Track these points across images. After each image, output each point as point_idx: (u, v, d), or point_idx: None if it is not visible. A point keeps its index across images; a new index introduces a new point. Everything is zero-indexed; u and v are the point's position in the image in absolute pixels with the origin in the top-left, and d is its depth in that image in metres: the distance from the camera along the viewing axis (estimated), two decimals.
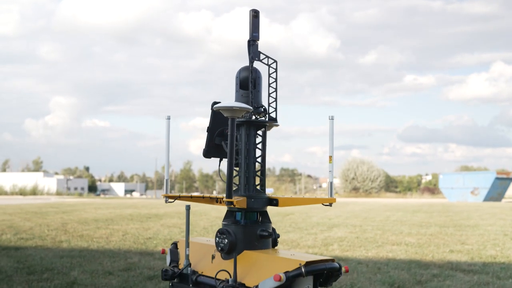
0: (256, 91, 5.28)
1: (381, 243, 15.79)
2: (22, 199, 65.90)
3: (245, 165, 5.17)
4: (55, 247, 14.46)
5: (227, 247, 4.80)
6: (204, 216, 27.31)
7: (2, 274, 10.08)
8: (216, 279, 4.65)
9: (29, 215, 26.97)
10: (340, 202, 56.25)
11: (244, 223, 4.95)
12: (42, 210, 32.03)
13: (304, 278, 4.31)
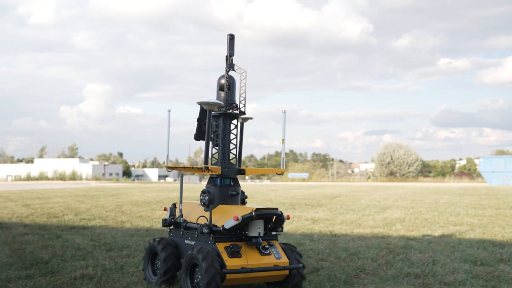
0: (230, 93, 7.47)
1: (442, 224, 15.59)
2: (63, 184, 67.10)
3: (222, 145, 7.40)
4: (119, 226, 14.66)
5: (207, 202, 7.09)
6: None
7: (82, 250, 10.25)
8: (198, 223, 7.01)
9: (80, 198, 27.42)
10: (381, 186, 55.86)
11: (220, 185, 7.22)
12: (89, 193, 32.53)
13: (255, 220, 6.64)
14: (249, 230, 6.68)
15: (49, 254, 9.69)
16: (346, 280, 7.74)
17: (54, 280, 7.51)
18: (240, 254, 6.58)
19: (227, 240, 6.68)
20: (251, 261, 6.59)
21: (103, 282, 7.45)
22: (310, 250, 10.42)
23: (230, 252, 6.52)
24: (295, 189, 43.80)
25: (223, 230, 6.52)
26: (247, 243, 6.73)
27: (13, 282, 7.42)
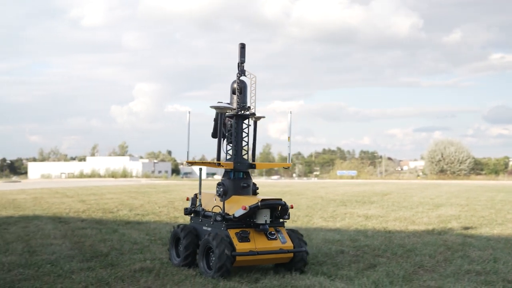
0: (242, 96, 8.37)
1: (501, 221, 15.17)
2: (115, 181, 68.56)
3: (235, 142, 8.31)
4: (173, 222, 14.85)
5: (222, 193, 8.01)
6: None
7: (139, 244, 10.44)
8: (213, 212, 7.93)
9: (133, 194, 27.95)
10: (432, 184, 54.79)
11: (233, 178, 8.16)
12: (141, 190, 33.11)
13: (262, 210, 7.53)
14: (256, 218, 7.60)
15: (108, 248, 9.90)
16: (404, 276, 7.62)
17: (114, 272, 7.67)
18: (249, 239, 7.53)
19: (238, 226, 7.63)
20: (259, 245, 7.53)
21: (162, 275, 7.56)
22: (366, 246, 10.32)
23: (239, 237, 7.48)
24: (344, 186, 43.44)
25: (234, 218, 7.50)
26: (255, 229, 7.65)
27: (76, 274, 7.61)
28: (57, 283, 7.05)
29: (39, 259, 8.73)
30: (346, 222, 14.78)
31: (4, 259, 8.72)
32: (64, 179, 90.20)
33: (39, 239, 10.99)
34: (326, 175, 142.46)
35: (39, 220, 15.02)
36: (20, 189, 35.82)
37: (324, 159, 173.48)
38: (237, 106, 8.29)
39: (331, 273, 7.77)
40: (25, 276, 7.49)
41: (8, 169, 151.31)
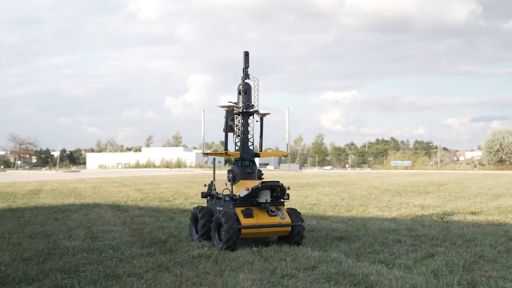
0: (247, 96, 9.69)
1: None
2: (169, 171, 69.83)
3: (241, 135, 9.69)
4: None
5: (231, 179, 9.37)
6: None
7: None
8: (223, 194, 9.24)
9: (187, 184, 28.41)
10: (491, 174, 53.31)
11: (241, 166, 9.55)
12: (196, 179, 33.59)
13: (263, 190, 8.89)
14: (259, 197, 9.00)
15: (166, 235, 10.12)
16: (464, 266, 7.47)
17: (173, 258, 7.84)
18: (253, 215, 8.91)
19: (243, 205, 9.00)
20: (261, 220, 8.90)
21: (220, 261, 7.68)
22: (423, 235, 10.16)
23: (244, 214, 8.87)
24: (399, 176, 42.83)
25: (239, 198, 8.93)
26: (258, 207, 9.03)
27: (136, 259, 7.82)
28: (119, 267, 7.26)
29: (101, 244, 9.01)
30: (402, 211, 14.59)
31: (68, 244, 9.05)
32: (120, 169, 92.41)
33: (99, 226, 11.34)
34: (379, 165, 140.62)
35: (99, 208, 15.48)
36: (79, 178, 36.98)
37: (377, 149, 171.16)
38: (243, 105, 9.66)
39: (389, 261, 7.70)
40: (89, 260, 7.75)
41: (68, 159, 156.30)
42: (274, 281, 6.47)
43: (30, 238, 9.75)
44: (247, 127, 9.75)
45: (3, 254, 8.14)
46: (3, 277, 6.67)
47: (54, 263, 7.48)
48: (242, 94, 9.66)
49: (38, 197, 19.68)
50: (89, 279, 6.55)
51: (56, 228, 10.97)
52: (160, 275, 6.79)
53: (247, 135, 9.73)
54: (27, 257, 7.88)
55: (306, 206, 16.10)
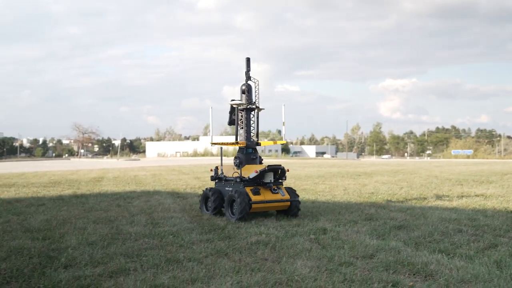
0: (249, 95, 11.53)
1: None
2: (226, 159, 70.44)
3: (245, 127, 11.43)
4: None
5: (238, 164, 11.18)
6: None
7: (254, 219, 10.71)
8: (234, 176, 11.01)
9: None
10: None
11: (245, 153, 11.31)
12: None
13: (267, 172, 10.80)
14: (264, 178, 10.89)
15: (224, 222, 10.27)
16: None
17: (232, 244, 7.96)
18: (260, 193, 10.74)
19: (252, 185, 10.85)
20: (266, 197, 10.79)
21: (278, 248, 7.75)
22: (485, 225, 9.91)
23: (253, 192, 10.68)
24: (460, 165, 41.78)
25: (249, 179, 10.73)
26: (263, 186, 10.89)
27: (196, 245, 7.99)
28: (179, 252, 7.44)
29: (162, 230, 9.25)
30: (463, 201, 14.26)
31: (131, 229, 9.33)
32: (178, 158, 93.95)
33: (160, 212, 11.62)
34: (439, 154, 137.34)
35: (159, 195, 15.85)
36: (140, 166, 37.87)
37: (437, 138, 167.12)
38: (246, 102, 11.45)
39: (449, 251, 7.57)
40: (151, 245, 7.98)
41: (128, 148, 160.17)
42: (332, 268, 6.48)
43: (95, 223, 10.11)
44: (249, 121, 11.53)
45: (70, 238, 8.48)
46: (71, 260, 6.97)
47: (118, 247, 7.74)
48: (246, 93, 11.46)
49: (101, 184, 20.32)
50: (151, 263, 6.76)
51: (119, 214, 11.32)
52: (219, 261, 6.92)
53: (249, 127, 11.54)
54: (92, 241, 8.19)
55: (364, 194, 15.97)
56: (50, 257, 7.13)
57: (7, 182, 20.87)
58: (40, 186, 19.28)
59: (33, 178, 24.04)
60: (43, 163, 58.90)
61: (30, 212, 11.83)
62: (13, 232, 9.16)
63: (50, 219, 10.62)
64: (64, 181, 22.10)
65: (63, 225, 9.89)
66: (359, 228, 9.56)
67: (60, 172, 29.37)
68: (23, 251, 7.50)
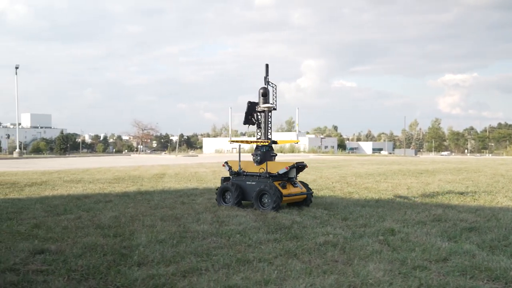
0: (267, 98, 12.35)
1: None
2: (283, 156, 70.38)
3: (264, 126, 12.37)
4: (348, 197, 14.93)
5: (259, 160, 12.25)
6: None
7: (319, 218, 10.65)
8: (259, 172, 12.17)
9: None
10: None
11: (265, 150, 12.33)
12: (311, 165, 33.62)
13: (292, 169, 12.05)
14: (289, 174, 12.08)
15: (289, 221, 10.22)
16: None
17: (300, 245, 7.91)
18: (286, 187, 11.96)
19: (278, 180, 12.04)
20: (291, 190, 12.06)
21: (348, 249, 7.65)
22: None
23: (282, 186, 11.89)
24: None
25: (278, 174, 12.01)
26: (288, 181, 12.18)
27: (264, 244, 7.99)
28: (248, 252, 7.46)
29: (228, 229, 9.29)
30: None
31: (198, 227, 9.41)
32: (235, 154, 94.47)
33: (224, 211, 11.67)
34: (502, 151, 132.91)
35: None
36: (198, 163, 38.31)
37: (500, 134, 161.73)
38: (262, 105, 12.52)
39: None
40: (219, 244, 8.03)
41: (185, 143, 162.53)
42: (406, 272, 6.35)
43: (162, 220, 10.26)
44: (267, 121, 12.46)
45: (140, 235, 8.63)
46: (143, 258, 7.09)
47: (187, 246, 7.82)
48: (267, 97, 12.39)
49: (163, 181, 20.66)
50: (222, 263, 6.79)
51: (184, 212, 11.46)
52: (289, 262, 6.89)
53: (267, 127, 12.46)
54: (161, 239, 8.31)
55: (429, 194, 15.60)
56: (123, 255, 7.28)
57: (74, 178, 21.51)
58: (105, 182, 19.78)
59: (98, 174, 24.70)
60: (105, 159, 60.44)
61: (99, 208, 12.14)
62: (85, 228, 9.41)
63: (118, 216, 10.86)
64: (127, 177, 22.60)
65: (132, 222, 10.08)
66: (428, 229, 9.33)
67: (122, 168, 30.05)
68: (97, 248, 7.68)
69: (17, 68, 72.12)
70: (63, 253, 7.36)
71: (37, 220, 10.39)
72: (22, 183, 18.80)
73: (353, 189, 17.20)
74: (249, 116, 12.51)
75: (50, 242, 8.17)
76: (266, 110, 12.39)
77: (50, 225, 9.71)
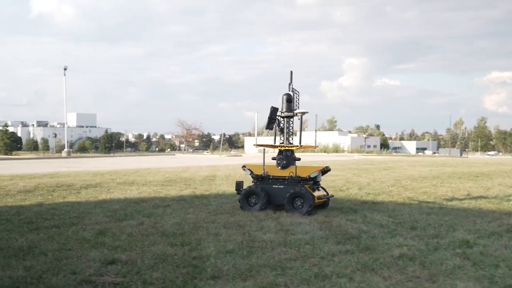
0: (291, 104, 12.69)
1: None
2: (327, 156, 69.82)
3: (286, 130, 12.79)
4: (407, 202, 14.49)
5: (284, 165, 12.49)
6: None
7: (385, 227, 10.29)
8: (289, 176, 12.35)
9: (355, 171, 28.05)
10: None
11: (288, 154, 12.66)
12: (360, 166, 33.11)
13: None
14: (316, 177, 12.48)
15: (355, 230, 9.91)
16: None
17: (376, 258, 7.61)
18: (315, 190, 12.34)
19: (307, 183, 12.33)
20: (319, 193, 12.49)
21: (427, 264, 7.31)
22: None
23: (312, 189, 12.25)
24: None
25: (309, 178, 12.31)
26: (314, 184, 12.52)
27: (337, 256, 7.72)
28: (323, 265, 7.20)
29: (295, 238, 9.03)
30: None
31: (264, 236, 9.18)
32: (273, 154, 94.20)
33: (286, 217, 11.37)
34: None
35: None
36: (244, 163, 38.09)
37: None
38: (286, 110, 12.74)
39: None
40: (290, 255, 7.78)
41: (227, 143, 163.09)
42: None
43: (226, 228, 10.08)
44: (289, 125, 12.80)
45: (207, 245, 8.47)
46: (217, 271, 6.91)
47: (258, 258, 7.61)
48: (291, 102, 12.67)
49: (215, 183, 20.57)
50: (299, 278, 6.56)
51: (246, 219, 11.24)
52: (369, 277, 6.63)
53: (290, 132, 12.83)
54: (230, 250, 8.12)
55: (493, 200, 15.02)
56: (195, 267, 7.13)
57: (126, 180, 21.63)
58: (158, 184, 19.81)
59: (149, 176, 24.81)
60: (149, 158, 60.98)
61: (159, 213, 12.06)
62: (150, 236, 9.31)
63: (181, 222, 10.73)
64: (179, 179, 22.60)
65: (196, 229, 9.93)
66: (505, 242, 8.89)
67: (171, 170, 30.12)
68: (167, 259, 7.56)
69: (66, 69, 73.68)
70: (135, 264, 7.26)
71: (100, 226, 10.37)
72: (77, 185, 18.98)
73: (411, 193, 16.74)
74: (272, 121, 12.62)
75: (119, 251, 8.10)
76: (300, 115, 12.80)
77: (115, 232, 9.66)
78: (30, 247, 8.36)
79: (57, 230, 9.91)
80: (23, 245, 8.47)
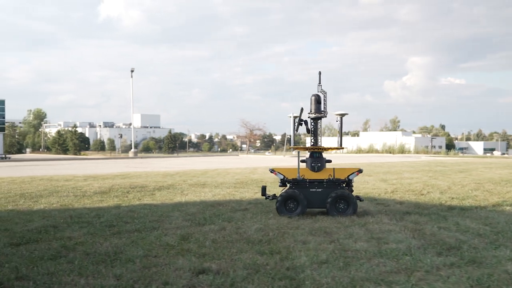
0: (320, 105, 12.49)
1: None
2: (393, 157, 68.24)
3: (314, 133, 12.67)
4: (499, 210, 13.57)
5: (319, 167, 12.40)
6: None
7: (488, 237, 9.52)
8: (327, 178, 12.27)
9: (430, 173, 26.99)
10: None
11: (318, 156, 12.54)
12: (434, 169, 31.91)
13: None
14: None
15: (452, 239, 9.22)
16: None
17: (488, 274, 6.93)
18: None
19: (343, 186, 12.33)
20: None
21: None
22: None
23: (350, 191, 12.21)
24: None
25: (348, 179, 12.27)
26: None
27: (442, 270, 7.10)
28: (431, 280, 6.61)
29: (390, 248, 8.44)
30: None
31: (356, 245, 8.60)
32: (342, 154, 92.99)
33: (375, 224, 10.74)
34: None
35: None
36: None
37: None
38: (315, 112, 12.46)
39: None
40: (390, 268, 7.21)
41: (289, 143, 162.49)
42: None
43: (312, 235, 9.59)
44: (317, 127, 12.60)
45: (298, 254, 8.00)
46: (316, 284, 6.43)
47: (357, 270, 7.09)
48: (320, 104, 12.44)
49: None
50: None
51: (331, 225, 10.69)
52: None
53: (317, 131, 12.59)
54: (324, 260, 7.63)
55: None
56: (291, 279, 6.69)
57: (197, 182, 21.50)
58: (230, 186, 19.55)
59: (218, 177, 24.64)
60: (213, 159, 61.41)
61: (239, 218, 11.70)
62: (235, 242, 8.93)
63: (264, 228, 10.31)
64: (249, 181, 22.30)
65: (281, 236, 9.48)
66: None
67: (239, 171, 29.96)
68: (259, 269, 7.14)
69: (133, 71, 75.16)
70: (227, 275, 6.87)
71: (182, 231, 10.09)
72: (150, 187, 18.97)
73: (498, 198, 15.74)
74: (301, 122, 12.47)
75: (208, 259, 7.75)
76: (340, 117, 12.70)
77: (198, 238, 9.33)
78: (116, 253, 8.15)
79: (139, 235, 9.71)
80: (109, 251, 8.28)
